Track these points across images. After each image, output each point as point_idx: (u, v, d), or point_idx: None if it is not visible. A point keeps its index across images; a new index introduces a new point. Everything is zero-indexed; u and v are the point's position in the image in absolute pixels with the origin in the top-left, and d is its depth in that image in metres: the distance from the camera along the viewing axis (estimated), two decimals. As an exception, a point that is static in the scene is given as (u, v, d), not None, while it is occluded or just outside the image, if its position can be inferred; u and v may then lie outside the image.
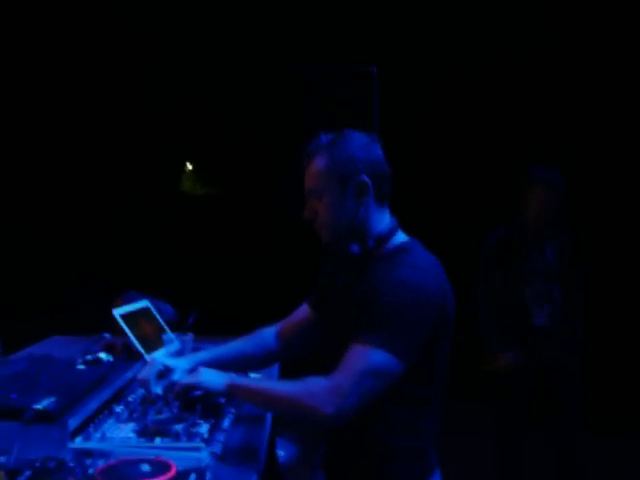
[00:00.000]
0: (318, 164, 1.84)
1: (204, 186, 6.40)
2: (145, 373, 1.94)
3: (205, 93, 5.60)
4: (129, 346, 2.52)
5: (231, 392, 1.83)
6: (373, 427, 1.79)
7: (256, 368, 2.24)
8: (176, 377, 1.93)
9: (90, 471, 1.44)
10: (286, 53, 4.90)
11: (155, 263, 5.52)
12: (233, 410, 1.99)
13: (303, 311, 2.14)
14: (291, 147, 3.53)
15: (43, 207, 5.57)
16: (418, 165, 5.08)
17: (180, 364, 1.99)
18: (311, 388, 1.70)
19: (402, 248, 1.83)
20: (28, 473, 1.42)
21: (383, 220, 1.86)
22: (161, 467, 1.41)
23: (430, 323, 1.71)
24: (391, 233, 1.85)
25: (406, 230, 1.92)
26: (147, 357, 2.45)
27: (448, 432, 1.95)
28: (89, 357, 2.10)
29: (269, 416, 2.14)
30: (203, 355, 2.09)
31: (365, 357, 1.67)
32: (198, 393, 1.88)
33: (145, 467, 1.41)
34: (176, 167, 6.32)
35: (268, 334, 2.17)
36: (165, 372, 1.95)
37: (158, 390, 1.92)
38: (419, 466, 1.85)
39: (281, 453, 3.53)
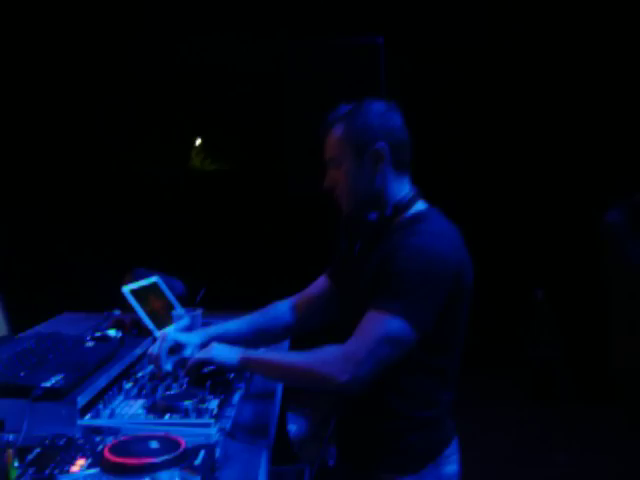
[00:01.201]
0: (336, 133, 1.86)
1: (213, 162, 6.38)
2: (156, 349, 1.93)
3: (213, 68, 5.56)
4: (139, 322, 2.52)
5: (244, 366, 1.83)
6: (386, 397, 1.78)
7: (271, 342, 2.23)
8: (187, 353, 1.93)
9: (99, 448, 1.43)
10: (293, 26, 4.84)
11: (165, 239, 5.52)
12: (243, 386, 1.98)
13: (321, 283, 2.13)
14: (299, 121, 3.50)
15: (54, 185, 5.58)
16: (428, 137, 5.04)
17: (192, 339, 1.98)
18: (325, 356, 1.70)
19: (420, 216, 1.82)
20: (37, 451, 1.41)
21: (402, 188, 1.85)
22: (170, 444, 1.40)
23: (446, 290, 1.71)
24: (410, 202, 1.84)
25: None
26: (157, 333, 2.44)
27: (469, 402, 1.93)
28: (98, 334, 2.09)
29: (279, 391, 2.13)
30: (215, 329, 2.08)
31: (381, 324, 1.66)
32: (210, 368, 1.87)
33: (154, 444, 1.40)
34: (185, 143, 6.29)
35: (283, 307, 2.15)
36: (176, 348, 1.95)
37: (169, 367, 1.91)
38: (435, 437, 1.84)
39: (292, 428, 3.53)
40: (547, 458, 4.07)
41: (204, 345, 1.93)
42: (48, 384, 1.55)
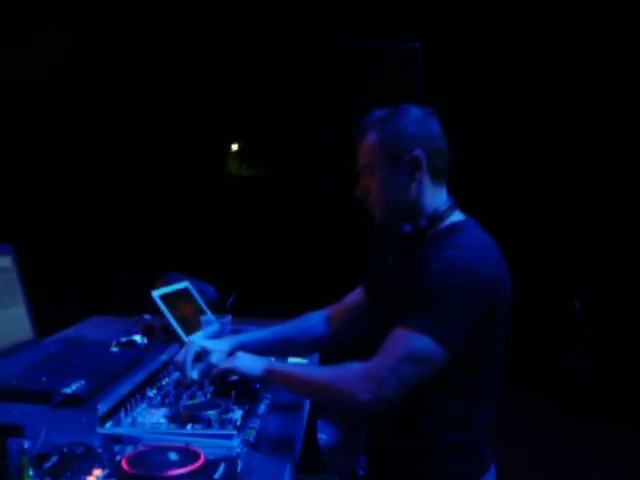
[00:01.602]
0: (369, 139, 1.78)
1: (250, 167, 6.38)
2: (182, 356, 1.89)
3: (248, 73, 5.56)
4: (168, 328, 2.49)
5: (268, 378, 1.77)
6: (419, 419, 1.71)
7: (302, 354, 2.18)
8: (214, 359, 1.88)
9: (117, 458, 1.40)
10: (327, 32, 4.80)
11: (198, 243, 5.52)
12: (269, 396, 1.93)
13: (356, 295, 2.06)
14: (333, 127, 3.45)
15: (91, 191, 5.62)
16: (465, 145, 4.95)
17: (219, 346, 1.93)
18: (346, 373, 1.63)
19: (455, 228, 1.74)
20: (54, 459, 1.38)
21: (438, 198, 1.77)
22: (189, 456, 1.36)
23: (480, 308, 1.62)
24: (446, 213, 1.76)
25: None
26: (185, 339, 2.42)
27: (499, 414, 1.84)
28: (123, 339, 2.06)
29: (307, 403, 2.08)
30: (244, 337, 2.03)
31: (406, 342, 1.58)
32: (234, 378, 1.82)
33: (173, 455, 1.36)
34: (221, 148, 6.31)
35: (317, 319, 2.09)
36: (203, 354, 1.90)
37: (194, 374, 1.86)
38: (471, 462, 1.75)
39: (322, 437, 3.48)
40: (581, 473, 3.95)
41: (232, 353, 1.89)
42: (69, 390, 1.52)
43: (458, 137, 1.97)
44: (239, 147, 6.42)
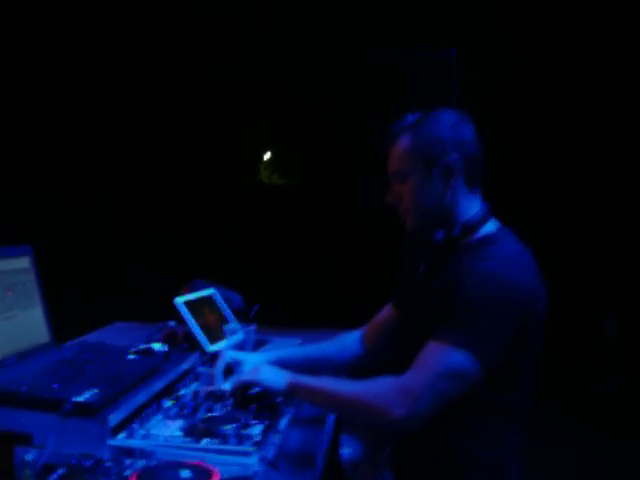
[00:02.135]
0: (402, 144, 1.71)
1: (282, 176, 6.33)
2: (213, 367, 1.87)
3: (282, 82, 5.52)
4: (191, 335, 2.43)
5: (292, 392, 1.70)
6: (448, 433, 1.64)
7: (337, 374, 2.12)
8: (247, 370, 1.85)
9: (126, 473, 1.32)
10: (362, 38, 4.73)
11: (229, 251, 5.48)
12: (291, 410, 1.84)
13: (385, 312, 2.01)
14: (365, 134, 3.38)
15: (123, 195, 5.61)
16: (499, 153, 4.83)
17: (253, 358, 1.91)
18: (380, 388, 1.56)
19: (490, 237, 1.67)
20: (60, 471, 1.31)
21: (473, 206, 1.71)
22: (202, 474, 1.28)
23: (516, 321, 1.56)
24: (481, 221, 1.69)
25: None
26: (208, 347, 2.36)
27: (529, 437, 1.78)
28: (142, 346, 1.99)
29: (331, 417, 2.00)
30: (281, 353, 1.99)
31: (442, 357, 1.52)
32: (256, 391, 1.75)
33: (185, 473, 1.28)
34: (253, 156, 6.27)
35: (352, 338, 2.06)
36: (234, 366, 1.87)
37: (227, 386, 1.81)
38: (500, 476, 1.69)
39: (346, 451, 3.40)
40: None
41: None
42: (80, 399, 1.45)
43: (493, 143, 1.89)
44: (271, 156, 6.38)
